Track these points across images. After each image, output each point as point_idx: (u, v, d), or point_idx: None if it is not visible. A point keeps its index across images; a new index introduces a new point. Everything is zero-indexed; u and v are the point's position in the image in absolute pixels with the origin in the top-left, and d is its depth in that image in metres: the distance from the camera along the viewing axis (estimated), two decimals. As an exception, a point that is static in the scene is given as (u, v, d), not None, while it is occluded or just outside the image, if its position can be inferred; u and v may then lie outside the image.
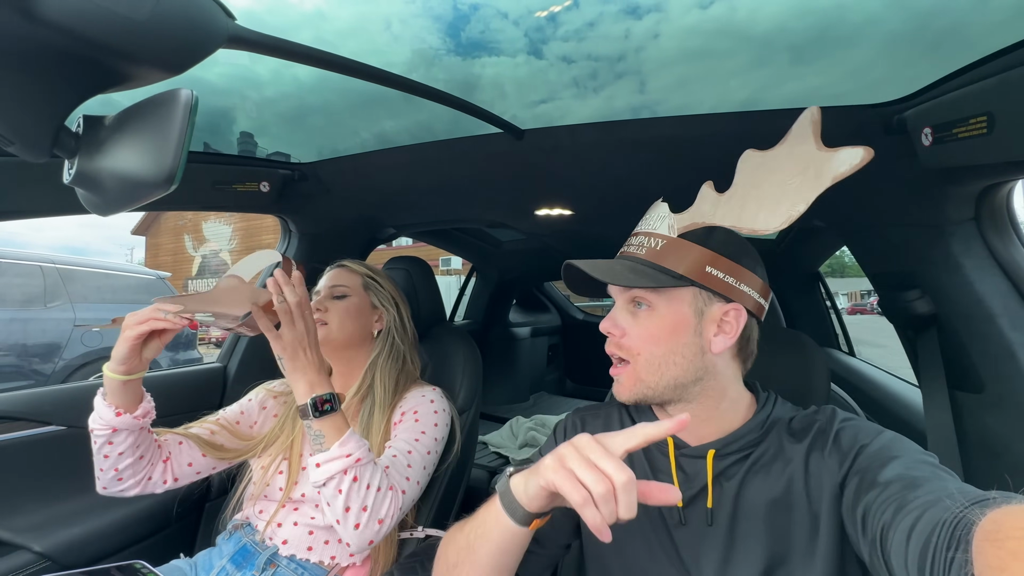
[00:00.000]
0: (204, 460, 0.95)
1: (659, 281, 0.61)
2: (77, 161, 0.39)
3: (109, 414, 0.80)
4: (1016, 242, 0.79)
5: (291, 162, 1.27)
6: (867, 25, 0.69)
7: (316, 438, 0.78)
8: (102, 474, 0.85)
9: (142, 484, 0.88)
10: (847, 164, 0.52)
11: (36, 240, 52.65)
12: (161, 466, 0.91)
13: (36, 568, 0.96)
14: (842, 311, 2.15)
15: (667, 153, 1.05)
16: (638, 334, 0.63)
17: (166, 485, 0.91)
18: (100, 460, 0.84)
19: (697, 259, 0.61)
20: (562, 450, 0.48)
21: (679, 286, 0.61)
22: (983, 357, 0.81)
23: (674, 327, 0.62)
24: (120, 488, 0.87)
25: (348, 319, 1.04)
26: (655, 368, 0.62)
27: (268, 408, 1.06)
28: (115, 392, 0.80)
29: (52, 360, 3.88)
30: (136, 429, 0.83)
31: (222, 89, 0.96)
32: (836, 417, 0.62)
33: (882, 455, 0.53)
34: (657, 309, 0.62)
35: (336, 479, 0.76)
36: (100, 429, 0.81)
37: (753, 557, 0.58)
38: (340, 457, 0.76)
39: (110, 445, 0.82)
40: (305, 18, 0.77)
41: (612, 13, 0.71)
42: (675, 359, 0.61)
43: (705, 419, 0.65)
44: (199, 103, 0.36)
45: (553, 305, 3.67)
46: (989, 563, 0.34)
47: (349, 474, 0.76)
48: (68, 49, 0.32)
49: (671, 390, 0.62)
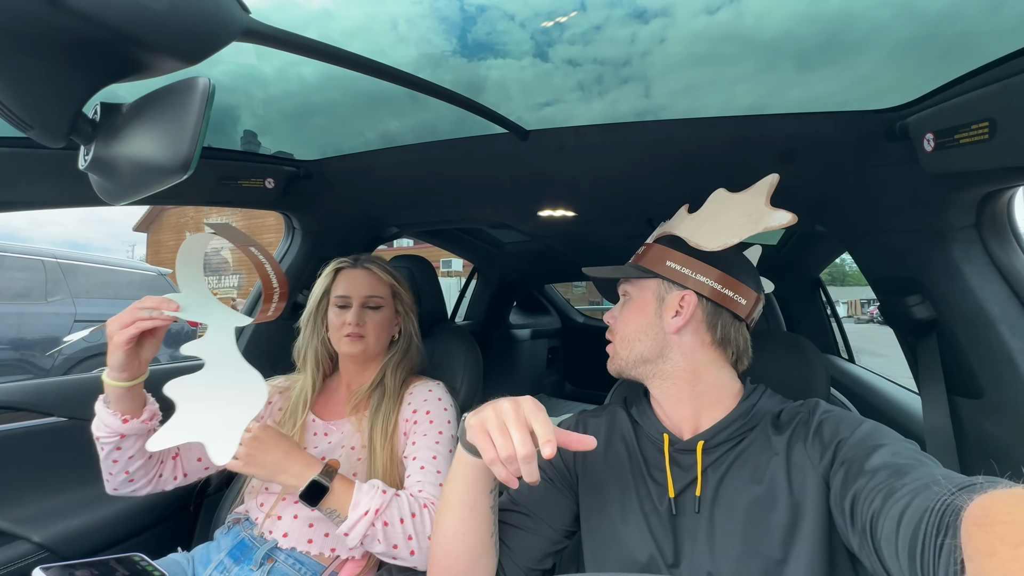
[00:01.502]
0: None
1: (628, 273, 0.77)
2: (93, 147, 0.40)
3: (115, 422, 0.79)
4: (1017, 249, 0.79)
5: (296, 159, 1.28)
6: (874, 33, 0.70)
7: (330, 515, 0.80)
8: (112, 478, 0.84)
9: (153, 483, 0.88)
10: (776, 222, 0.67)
11: (38, 235, 52.67)
12: (171, 463, 0.91)
13: (35, 558, 0.96)
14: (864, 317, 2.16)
15: (671, 156, 1.05)
16: (621, 318, 0.78)
17: (176, 482, 0.91)
18: (109, 465, 0.82)
19: (660, 256, 0.75)
20: (485, 412, 0.56)
21: (644, 277, 0.76)
22: (983, 363, 0.81)
23: (640, 310, 0.75)
24: (132, 489, 0.86)
25: (383, 331, 1.04)
26: (625, 344, 0.76)
27: (274, 402, 1.07)
28: (119, 400, 0.78)
29: (52, 354, 3.88)
30: (144, 432, 0.82)
31: (227, 87, 0.96)
32: (818, 408, 0.65)
33: (866, 444, 0.55)
34: (632, 297, 0.78)
35: (369, 535, 0.78)
36: (107, 437, 0.80)
37: (736, 544, 0.60)
38: (360, 519, 0.77)
39: (118, 451, 0.81)
40: (312, 17, 0.78)
41: (619, 17, 0.72)
42: (640, 336, 0.74)
43: (682, 401, 0.72)
44: (215, 92, 0.37)
45: (553, 307, 3.68)
46: (978, 548, 0.34)
47: (377, 524, 0.78)
48: (89, 36, 0.33)
49: (640, 364, 0.74)
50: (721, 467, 0.65)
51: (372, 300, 1.03)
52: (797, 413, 0.66)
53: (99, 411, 0.80)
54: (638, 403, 0.79)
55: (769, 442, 0.64)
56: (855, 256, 1.13)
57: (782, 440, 0.63)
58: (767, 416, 0.68)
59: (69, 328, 3.95)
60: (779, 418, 0.67)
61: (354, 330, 1.00)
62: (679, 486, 0.66)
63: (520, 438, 0.51)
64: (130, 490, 0.87)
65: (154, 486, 0.89)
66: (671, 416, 0.73)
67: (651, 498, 0.68)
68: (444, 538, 0.65)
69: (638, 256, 0.79)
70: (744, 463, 0.64)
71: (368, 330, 1.01)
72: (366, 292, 1.03)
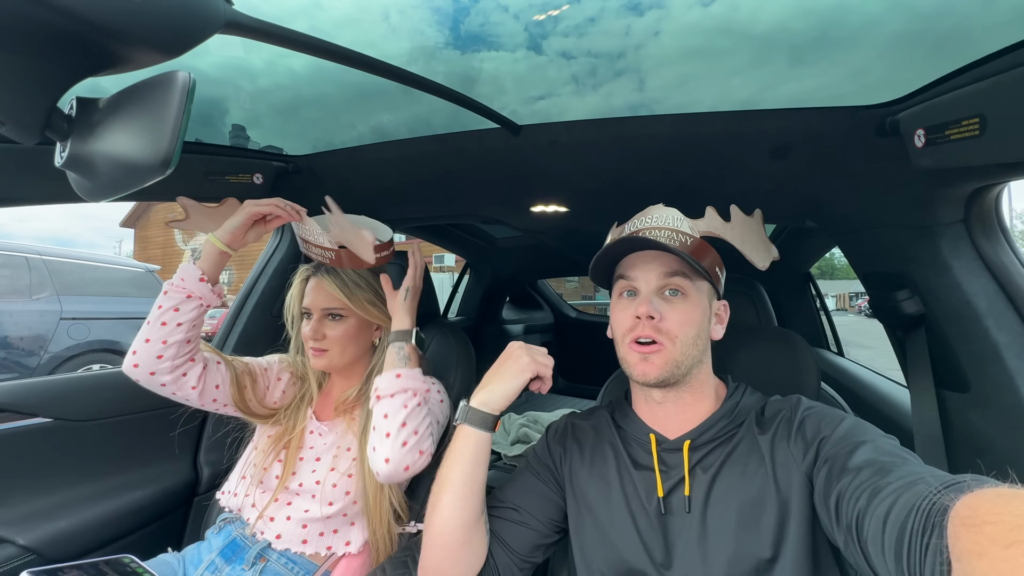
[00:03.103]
0: (227, 392, 0.95)
1: (702, 271, 0.69)
2: (69, 144, 0.38)
3: (194, 275, 0.86)
4: (1004, 244, 0.80)
5: (285, 154, 1.26)
6: (868, 26, 0.70)
7: (402, 358, 0.89)
8: (146, 346, 0.84)
9: (175, 375, 0.87)
10: (772, 257, 0.77)
11: (22, 231, 51.64)
12: (199, 368, 0.91)
13: (20, 562, 0.94)
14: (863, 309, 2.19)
15: (664, 151, 1.05)
16: (676, 319, 0.68)
17: (194, 391, 0.90)
18: (155, 329, 0.84)
19: (714, 259, 0.72)
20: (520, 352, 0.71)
21: (705, 279, 0.71)
22: (970, 357, 0.82)
23: (701, 315, 0.70)
24: (153, 368, 0.85)
25: (348, 342, 0.99)
26: (687, 350, 0.68)
27: (283, 380, 1.06)
28: (209, 258, 0.87)
29: (37, 353, 3.81)
30: (205, 305, 0.87)
31: (215, 79, 0.94)
32: (800, 405, 0.65)
33: (848, 441, 0.56)
34: (690, 297, 0.69)
35: (407, 395, 0.85)
36: (175, 291, 0.85)
37: (726, 543, 0.60)
38: (418, 379, 0.87)
39: (175, 312, 0.85)
40: (301, 7, 0.76)
41: (613, 9, 0.71)
42: (699, 343, 0.69)
43: (686, 404, 0.71)
44: (196, 87, 0.36)
45: (546, 303, 3.68)
46: (967, 548, 0.34)
47: (418, 397, 0.85)
48: (63, 28, 0.32)
49: (688, 370, 0.69)
50: (711, 468, 0.66)
51: (332, 311, 0.98)
52: (780, 410, 0.66)
53: (183, 268, 0.87)
54: (620, 407, 0.79)
55: (755, 442, 0.65)
56: (845, 251, 1.14)
57: (766, 439, 0.64)
58: (751, 413, 0.68)
59: (55, 326, 3.87)
60: (763, 415, 0.68)
61: (314, 344, 0.97)
62: (667, 485, 0.66)
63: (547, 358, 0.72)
64: (151, 371, 0.85)
65: (174, 379, 0.87)
66: (660, 417, 0.73)
67: (639, 498, 0.68)
68: (441, 516, 0.66)
69: (687, 248, 0.69)
70: (733, 464, 0.65)
71: (330, 343, 0.97)
72: (324, 304, 0.98)
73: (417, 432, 0.83)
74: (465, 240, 2.43)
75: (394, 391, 0.85)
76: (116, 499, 1.09)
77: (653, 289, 0.69)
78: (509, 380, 0.70)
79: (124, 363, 0.86)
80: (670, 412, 0.72)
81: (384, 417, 0.83)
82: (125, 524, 1.10)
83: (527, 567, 0.72)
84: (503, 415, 2.72)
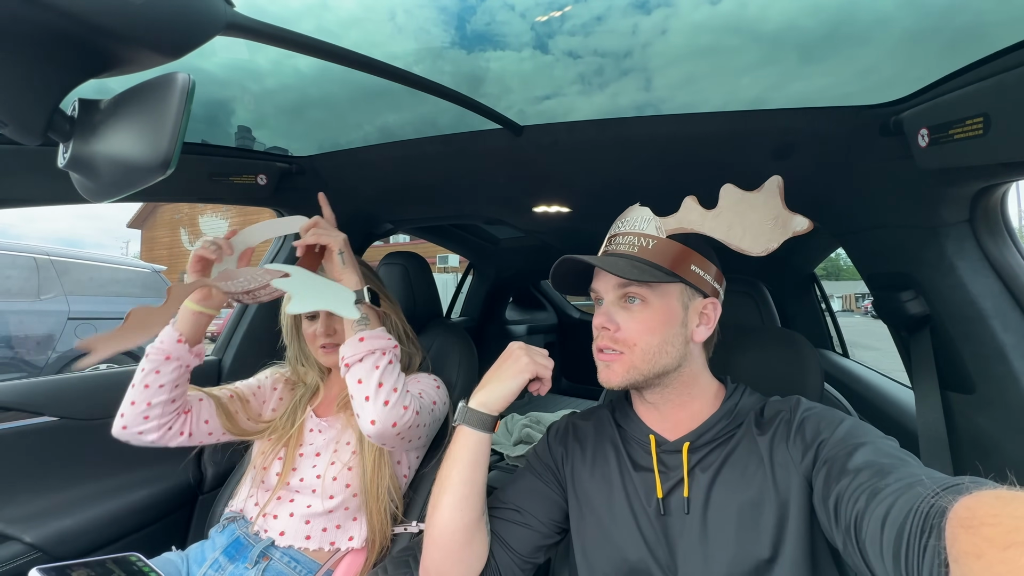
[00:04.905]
0: (216, 424, 0.97)
1: (656, 277, 0.66)
2: (72, 145, 0.39)
3: (172, 337, 0.86)
4: (1009, 244, 0.79)
5: (289, 155, 1.26)
6: (879, 24, 0.69)
7: (362, 320, 0.86)
8: (131, 408, 0.86)
9: (162, 430, 0.89)
10: (800, 227, 0.67)
11: (30, 231, 52.19)
12: (183, 417, 0.92)
13: (27, 559, 0.95)
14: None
15: (666, 152, 1.05)
16: (634, 328, 0.67)
17: (182, 438, 0.92)
18: (138, 391, 0.85)
19: (683, 257, 0.68)
20: (519, 352, 0.71)
21: (670, 281, 0.67)
22: (975, 358, 0.81)
23: (667, 319, 0.67)
24: (140, 428, 0.87)
25: None
26: (650, 357, 0.67)
27: (278, 390, 1.08)
28: (184, 319, 0.87)
29: (45, 353, 3.85)
30: (185, 365, 0.88)
31: (221, 80, 0.94)
32: (799, 407, 0.64)
33: (847, 442, 0.56)
34: (650, 303, 0.67)
35: (376, 356, 0.83)
36: (155, 354, 0.86)
37: (727, 544, 0.60)
38: (383, 338, 0.85)
39: (156, 374, 0.85)
40: (307, 7, 0.76)
41: (620, 7, 0.71)
42: (667, 348, 0.67)
43: (679, 405, 0.70)
44: (196, 88, 0.36)
45: (549, 303, 3.67)
46: (965, 550, 0.34)
47: (387, 356, 0.84)
48: (64, 30, 0.32)
49: (657, 376, 0.68)
50: (710, 469, 0.65)
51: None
52: (779, 411, 0.66)
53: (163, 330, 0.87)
54: (620, 407, 0.78)
55: (755, 443, 0.64)
56: (849, 252, 1.13)
57: (765, 440, 0.64)
58: (750, 414, 0.68)
59: (62, 326, 3.91)
60: (762, 415, 0.67)
61: (326, 340, 0.99)
62: (667, 486, 0.66)
63: (548, 359, 0.72)
64: (138, 430, 0.87)
65: (161, 434, 0.89)
66: (657, 418, 0.72)
67: (639, 498, 0.68)
68: (442, 517, 0.66)
69: (647, 251, 0.68)
70: (733, 465, 0.64)
71: (341, 336, 0.98)
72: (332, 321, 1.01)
73: (396, 389, 0.82)
74: (468, 240, 2.43)
75: (362, 355, 0.82)
76: (121, 498, 1.10)
77: (612, 300, 0.70)
78: (508, 381, 0.69)
79: (113, 427, 0.87)
80: (666, 413, 0.71)
81: (359, 383, 0.82)
82: (129, 522, 1.11)
83: (529, 568, 0.72)
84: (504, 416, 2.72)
